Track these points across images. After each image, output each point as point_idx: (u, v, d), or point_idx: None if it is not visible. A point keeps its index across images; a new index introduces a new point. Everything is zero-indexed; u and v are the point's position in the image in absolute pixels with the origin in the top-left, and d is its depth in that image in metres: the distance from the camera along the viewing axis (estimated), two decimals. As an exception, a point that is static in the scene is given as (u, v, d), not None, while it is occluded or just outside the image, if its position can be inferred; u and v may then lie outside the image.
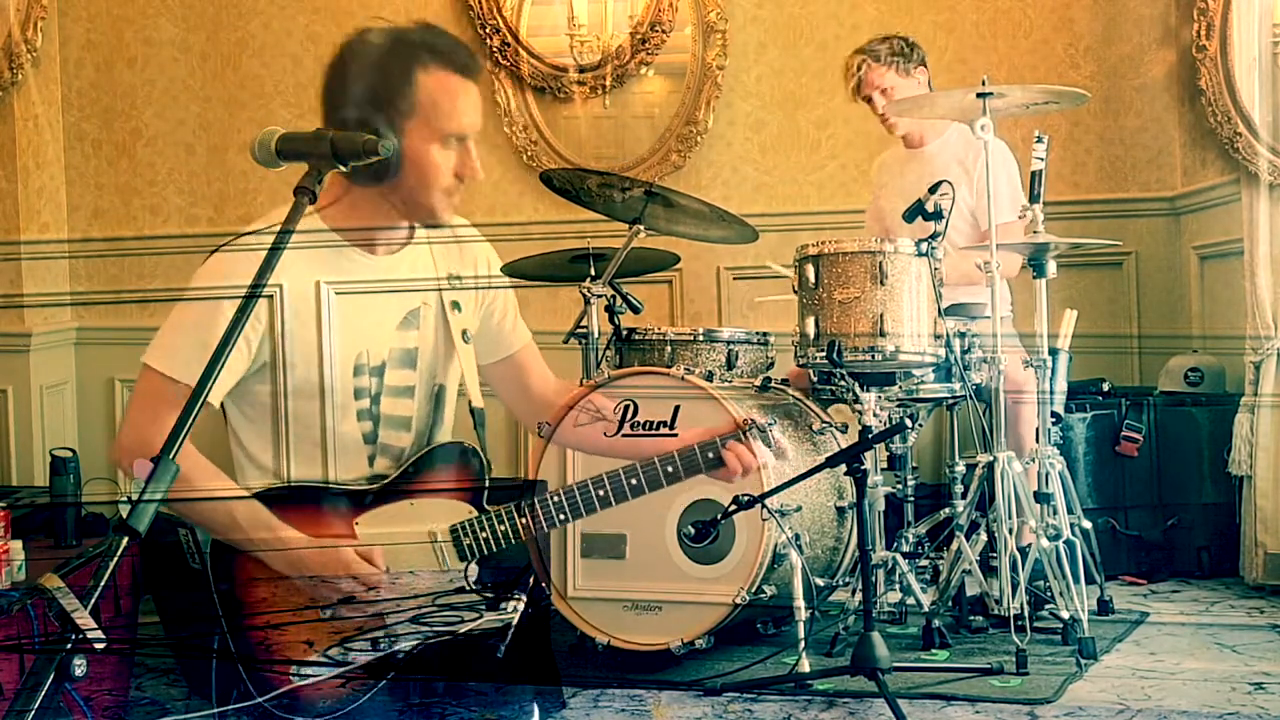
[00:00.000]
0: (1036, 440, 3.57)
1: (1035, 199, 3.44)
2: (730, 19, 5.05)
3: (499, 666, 2.48)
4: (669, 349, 3.64)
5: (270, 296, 2.34)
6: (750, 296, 4.94)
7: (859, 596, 3.13)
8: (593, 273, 3.76)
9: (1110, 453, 4.32)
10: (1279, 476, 4.02)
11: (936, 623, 3.34)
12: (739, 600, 3.13)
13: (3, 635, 2.52)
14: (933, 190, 3.37)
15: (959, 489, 3.60)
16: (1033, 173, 3.47)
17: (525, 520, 2.39)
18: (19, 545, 2.88)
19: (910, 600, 3.47)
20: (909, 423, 3.42)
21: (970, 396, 3.44)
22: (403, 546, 2.36)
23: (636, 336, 3.69)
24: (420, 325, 2.49)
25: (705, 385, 3.19)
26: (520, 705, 2.51)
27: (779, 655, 3.22)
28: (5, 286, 5.35)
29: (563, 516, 2.40)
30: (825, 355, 3.30)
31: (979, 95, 3.43)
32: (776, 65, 5.08)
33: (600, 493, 2.41)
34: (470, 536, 2.38)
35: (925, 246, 3.35)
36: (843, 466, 2.93)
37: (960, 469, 3.63)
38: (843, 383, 3.37)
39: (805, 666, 3.02)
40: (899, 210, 3.50)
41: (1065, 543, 3.37)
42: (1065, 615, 3.30)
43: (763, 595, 3.15)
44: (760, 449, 2.41)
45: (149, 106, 5.51)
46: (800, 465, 3.19)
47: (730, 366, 3.64)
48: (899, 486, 3.65)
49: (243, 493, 2.33)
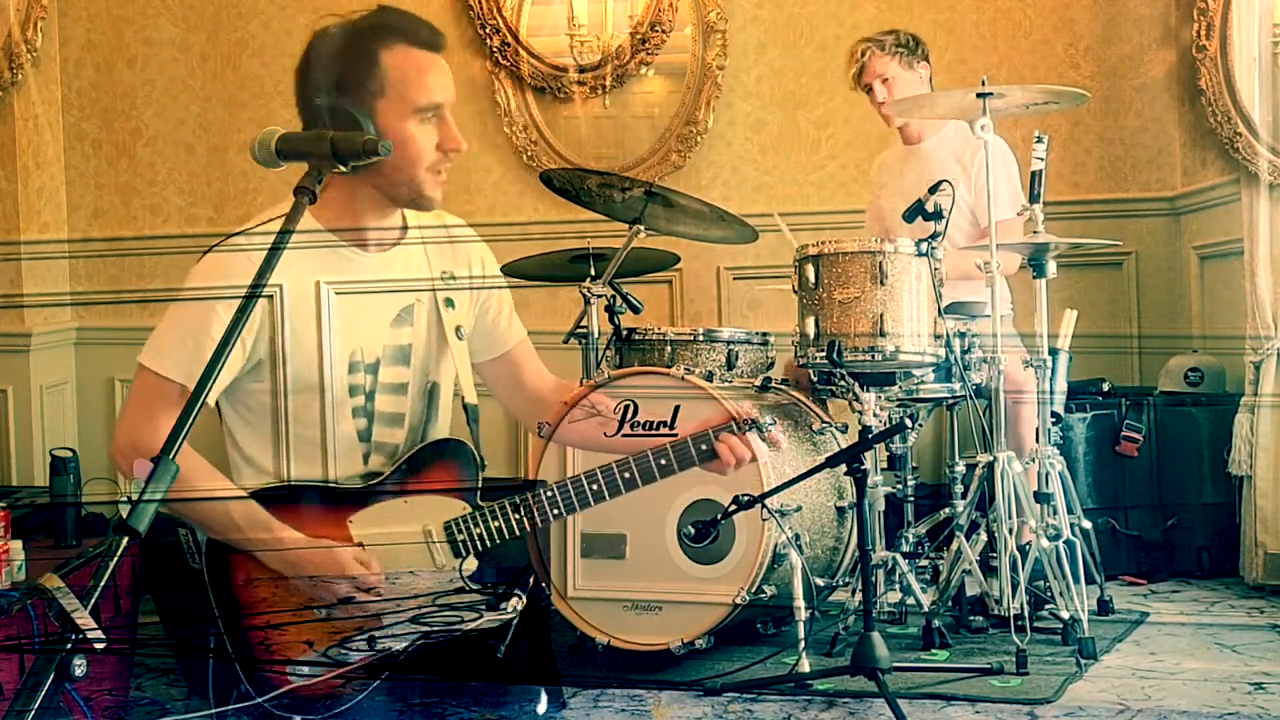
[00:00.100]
0: (1036, 440, 3.57)
1: (1035, 199, 3.44)
2: (730, 19, 5.05)
3: (499, 666, 2.48)
4: (669, 349, 3.64)
5: (270, 296, 2.34)
6: (750, 296, 4.94)
7: (859, 596, 3.13)
8: (593, 273, 3.76)
9: (1110, 453, 4.32)
10: (1279, 476, 4.02)
11: (936, 623, 3.34)
12: (739, 600, 3.13)
13: (3, 635, 2.52)
14: (933, 190, 3.38)
15: (959, 489, 3.60)
16: (1033, 173, 3.47)
17: (519, 516, 2.39)
18: (19, 545, 2.87)
19: (910, 600, 3.47)
20: (909, 423, 3.42)
21: (970, 396, 3.44)
22: (397, 543, 2.36)
23: (636, 336, 3.69)
24: (414, 322, 2.49)
25: (705, 385, 3.19)
26: (524, 699, 2.51)
27: (779, 655, 3.22)
28: (5, 286, 5.35)
29: (556, 511, 2.40)
30: (825, 355, 3.30)
31: (979, 95, 3.43)
32: (776, 65, 5.08)
33: (594, 487, 2.40)
34: (464, 533, 2.38)
35: (925, 246, 3.35)
36: (843, 466, 2.93)
37: (960, 469, 3.63)
38: (843, 383, 3.37)
39: (805, 666, 3.01)
40: (899, 210, 3.51)
41: (1065, 543, 3.37)
42: (1065, 615, 3.30)
43: (763, 595, 3.15)
44: (755, 442, 2.40)
45: (149, 106, 5.51)
46: (800, 465, 3.19)
47: (730, 366, 3.64)
48: (899, 486, 3.65)
49: (239, 492, 2.33)
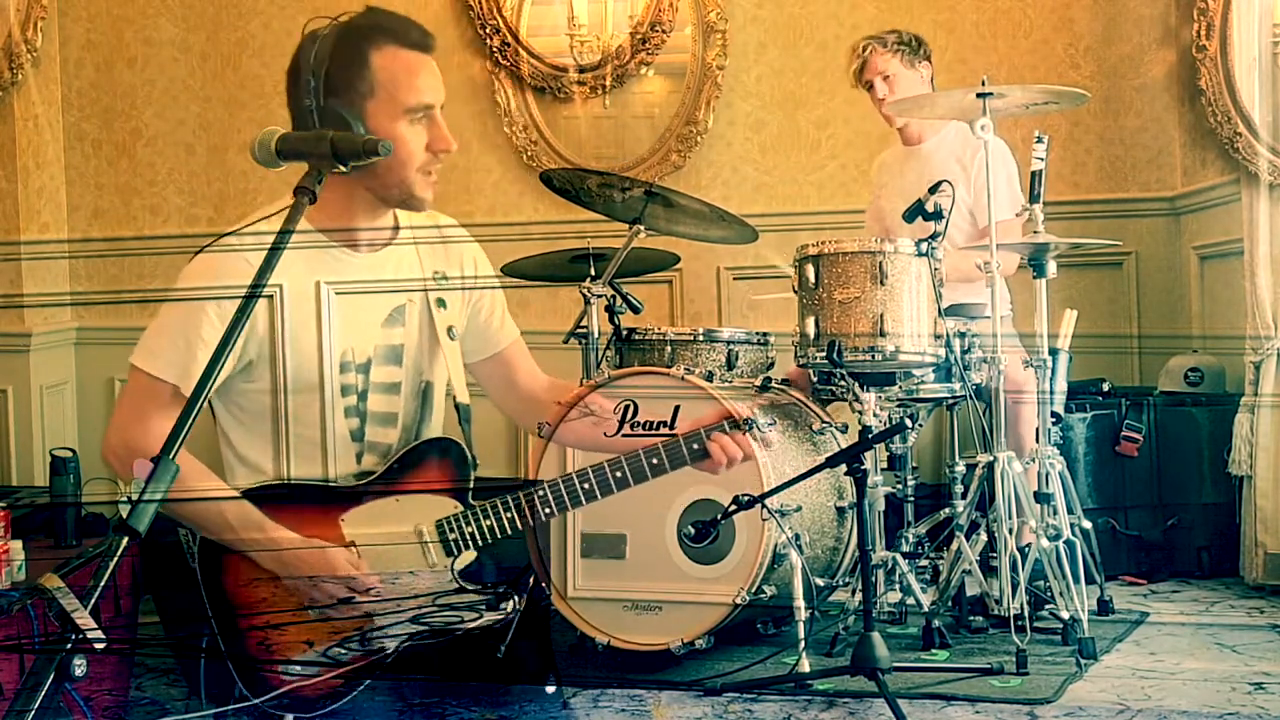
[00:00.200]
0: (1036, 440, 3.57)
1: (1035, 199, 3.44)
2: (730, 19, 5.05)
3: (499, 666, 2.48)
4: (669, 349, 3.64)
5: (271, 296, 2.35)
6: (750, 296, 4.94)
7: (859, 596, 3.13)
8: (593, 273, 3.76)
9: (1110, 453, 4.32)
10: (1279, 476, 4.02)
11: (936, 623, 3.34)
12: (739, 600, 3.13)
13: (3, 635, 2.52)
14: (933, 190, 3.38)
15: (959, 489, 3.60)
16: (1033, 173, 3.47)
17: (510, 514, 2.39)
18: (19, 545, 2.88)
19: (910, 600, 3.47)
20: (909, 423, 3.42)
21: (970, 396, 3.44)
22: (390, 539, 2.37)
23: (636, 336, 3.69)
24: (406, 322, 2.50)
25: (705, 385, 3.19)
26: (524, 699, 2.51)
27: (779, 655, 3.22)
28: (5, 286, 5.35)
29: (548, 510, 2.40)
30: (825, 355, 3.30)
31: (979, 95, 3.43)
32: (776, 65, 5.08)
33: (585, 486, 2.40)
34: (456, 531, 2.38)
35: (925, 246, 3.35)
36: (843, 466, 2.93)
37: (960, 469, 3.63)
38: (843, 383, 3.37)
39: (805, 666, 3.01)
40: (899, 210, 3.51)
41: (1065, 543, 3.37)
42: (1065, 615, 3.30)
43: (763, 595, 3.15)
44: (746, 441, 2.41)
45: (149, 106, 5.51)
46: (800, 465, 3.19)
47: (730, 366, 3.64)
48: (899, 486, 3.65)
49: (232, 492, 2.33)
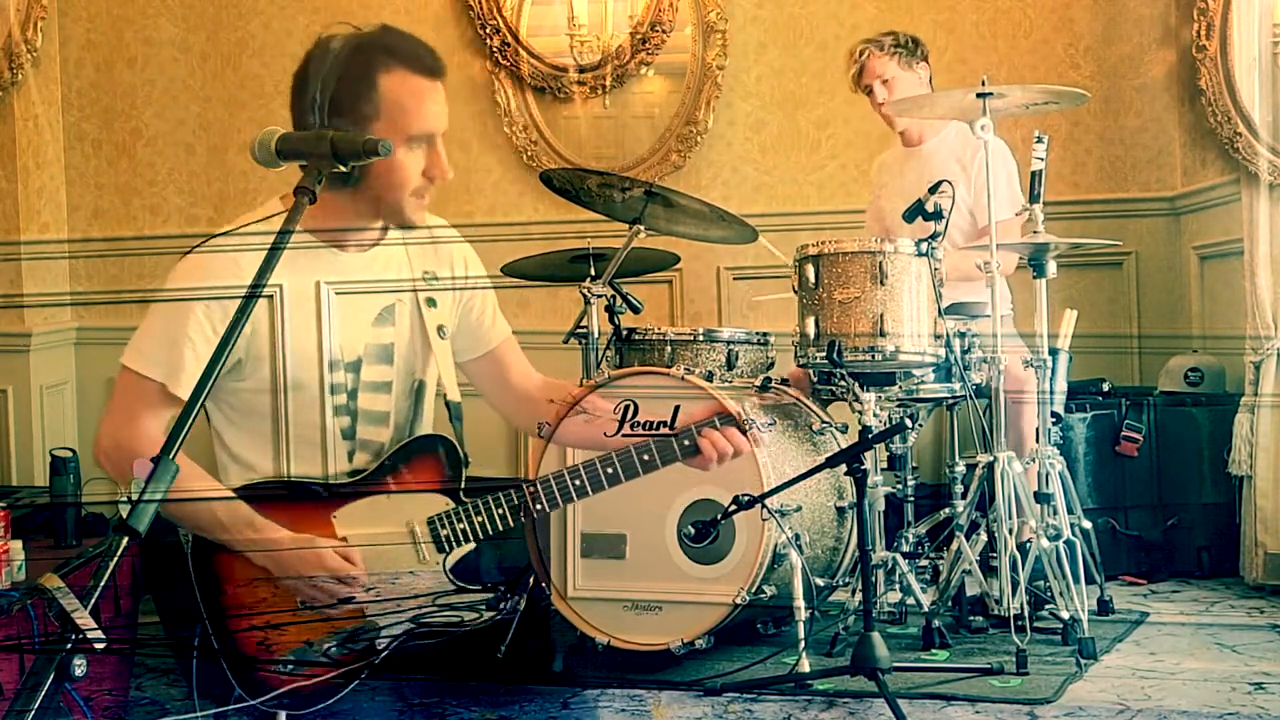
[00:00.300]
0: (1036, 440, 3.57)
1: (1035, 199, 3.44)
2: (730, 19, 5.05)
3: (499, 666, 2.49)
4: (669, 349, 3.63)
5: (270, 296, 2.35)
6: (750, 296, 4.93)
7: (859, 596, 3.13)
8: (593, 273, 3.76)
9: (1110, 453, 4.32)
10: (1279, 476, 4.02)
11: (936, 623, 3.34)
12: (739, 600, 3.13)
13: (3, 635, 2.52)
14: (933, 190, 3.38)
15: (959, 489, 3.59)
16: (1033, 173, 3.47)
17: (502, 511, 2.39)
18: (19, 545, 2.88)
19: (910, 600, 3.47)
20: (909, 423, 3.42)
21: (970, 396, 3.44)
22: (381, 537, 2.37)
23: (636, 336, 3.69)
24: (395, 322, 2.51)
25: (705, 385, 3.19)
26: (524, 699, 2.51)
27: (779, 655, 3.22)
28: (5, 286, 5.35)
29: (540, 506, 2.40)
30: (825, 355, 3.30)
31: (979, 95, 3.43)
32: (776, 65, 5.08)
33: (576, 482, 2.40)
34: (447, 528, 2.39)
35: (925, 246, 3.35)
36: (843, 466, 2.93)
37: (960, 469, 3.63)
38: (843, 383, 3.37)
39: (805, 666, 3.01)
40: (899, 210, 3.50)
41: (1065, 543, 3.37)
42: (1065, 615, 3.30)
43: (763, 595, 3.15)
44: (738, 437, 2.41)
45: (149, 106, 5.51)
46: (800, 465, 3.19)
47: (730, 366, 3.64)
48: (899, 486, 3.65)
49: (225, 492, 2.34)
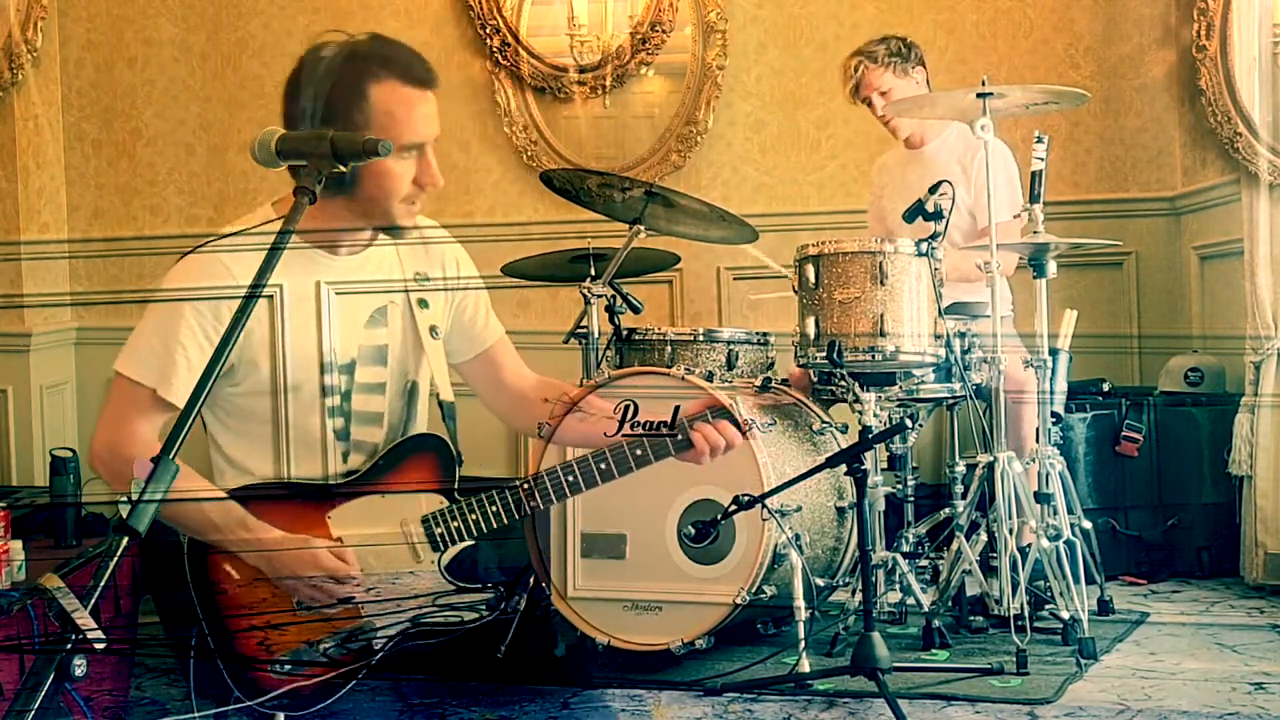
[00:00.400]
0: (1037, 440, 3.57)
1: (1035, 199, 3.44)
2: (730, 19, 5.05)
3: (499, 666, 2.49)
4: (669, 349, 3.63)
5: (270, 297, 2.35)
6: (750, 296, 4.93)
7: (859, 596, 3.13)
8: (593, 273, 3.76)
9: (1110, 453, 4.32)
10: (1279, 476, 4.02)
11: (936, 623, 3.34)
12: (739, 600, 3.13)
13: (3, 635, 2.52)
14: (933, 190, 3.38)
15: (959, 489, 3.59)
16: (1033, 173, 3.47)
17: (496, 509, 2.40)
18: (19, 545, 2.88)
19: (910, 600, 3.47)
20: (909, 423, 3.42)
21: (970, 396, 3.44)
22: (376, 537, 2.38)
23: (636, 336, 3.69)
24: (388, 323, 2.51)
25: (705, 385, 3.19)
26: (524, 699, 2.51)
27: (779, 655, 3.22)
28: (5, 286, 5.35)
29: (534, 503, 2.41)
30: (825, 355, 3.30)
31: (979, 95, 3.43)
32: (776, 65, 5.08)
33: (570, 478, 2.41)
34: (442, 526, 2.39)
35: (925, 246, 3.35)
36: (843, 466, 2.93)
37: (960, 469, 3.63)
38: (843, 383, 3.37)
39: (805, 666, 3.01)
40: (900, 211, 3.51)
41: (1065, 543, 3.37)
42: (1065, 615, 3.30)
43: (763, 595, 3.15)
44: (731, 430, 2.42)
45: (149, 106, 5.51)
46: (800, 465, 3.19)
47: (730, 366, 3.64)
48: (899, 486, 3.65)
49: (219, 493, 2.35)
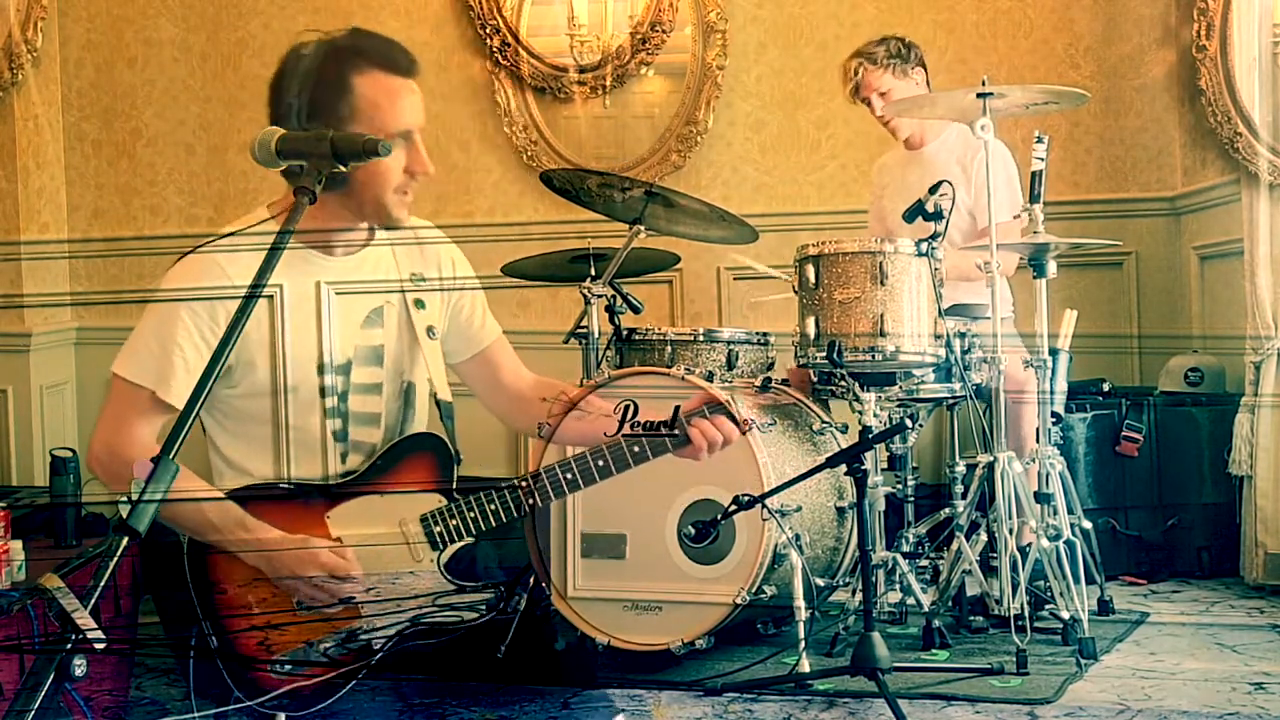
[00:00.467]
0: (1037, 440, 3.57)
1: (1035, 199, 3.44)
2: (730, 19, 5.05)
3: (499, 666, 2.49)
4: (669, 349, 3.63)
5: (271, 297, 2.36)
6: (750, 296, 4.93)
7: (859, 596, 3.13)
8: (593, 273, 3.76)
9: (1110, 453, 4.32)
10: (1279, 476, 4.02)
11: (937, 623, 3.34)
12: (739, 600, 3.13)
13: (3, 635, 2.52)
14: (933, 190, 3.38)
15: (959, 489, 3.59)
16: (1033, 173, 3.47)
17: (494, 506, 2.40)
18: (19, 545, 2.88)
19: (910, 600, 3.47)
20: (909, 423, 3.42)
21: (970, 396, 3.44)
22: (375, 537, 2.38)
23: (636, 336, 3.69)
24: (384, 324, 2.52)
25: (705, 385, 3.19)
26: (524, 699, 2.51)
27: (779, 655, 3.22)
28: (5, 286, 5.35)
29: (532, 500, 2.41)
30: (825, 355, 3.30)
31: (979, 95, 3.42)
32: (776, 65, 5.08)
33: (568, 476, 2.41)
34: (440, 525, 2.40)
35: (925, 246, 3.35)
36: (843, 466, 2.93)
37: (960, 469, 3.63)
38: (843, 383, 3.37)
39: (805, 666, 3.01)
40: (900, 211, 3.51)
41: (1065, 543, 3.37)
42: (1065, 615, 3.30)
43: (763, 595, 3.15)
44: (728, 425, 2.42)
45: (149, 106, 5.51)
46: (800, 465, 3.19)
47: (730, 367, 3.64)
48: (899, 486, 3.65)
49: (217, 494, 2.35)
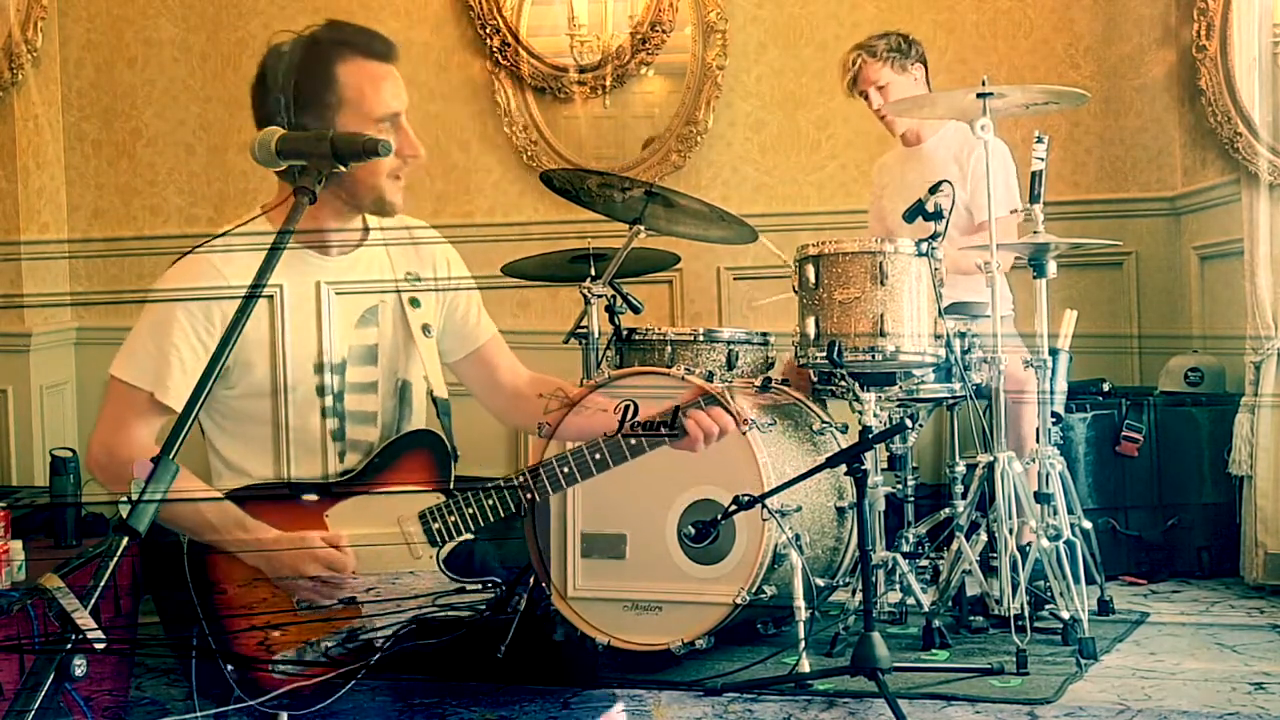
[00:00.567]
0: (1037, 440, 3.57)
1: (1035, 199, 3.44)
2: (730, 19, 5.05)
3: (499, 666, 2.49)
4: (669, 349, 3.63)
5: (271, 297, 2.36)
6: (750, 296, 4.93)
7: (859, 596, 3.13)
8: (593, 273, 3.76)
9: (1110, 453, 4.32)
10: (1279, 476, 4.02)
11: (937, 623, 3.33)
12: (739, 600, 3.12)
13: (3, 635, 2.52)
14: (933, 190, 3.38)
15: (959, 489, 3.59)
16: (1033, 173, 3.47)
17: (492, 501, 2.40)
18: (19, 545, 2.88)
19: (910, 600, 3.47)
20: (909, 423, 3.42)
21: (970, 396, 3.44)
22: (374, 534, 2.38)
23: (637, 337, 3.69)
24: (379, 322, 2.52)
25: (705, 386, 3.19)
26: (524, 699, 2.51)
27: (779, 655, 3.22)
28: (5, 286, 5.35)
29: (530, 495, 2.41)
30: (825, 355, 3.30)
31: (979, 95, 3.42)
32: (776, 65, 5.08)
33: (565, 470, 2.42)
34: (439, 521, 2.40)
35: (925, 246, 3.35)
36: (843, 466, 2.93)
37: (960, 469, 3.63)
38: (843, 383, 3.37)
39: (805, 666, 3.01)
40: (900, 210, 3.51)
41: (1065, 543, 3.37)
42: (1065, 615, 3.30)
43: (763, 595, 3.15)
44: (723, 416, 2.43)
45: (149, 106, 5.51)
46: (800, 465, 3.19)
47: (730, 367, 3.64)
48: (899, 486, 3.65)
49: (215, 494, 2.36)
